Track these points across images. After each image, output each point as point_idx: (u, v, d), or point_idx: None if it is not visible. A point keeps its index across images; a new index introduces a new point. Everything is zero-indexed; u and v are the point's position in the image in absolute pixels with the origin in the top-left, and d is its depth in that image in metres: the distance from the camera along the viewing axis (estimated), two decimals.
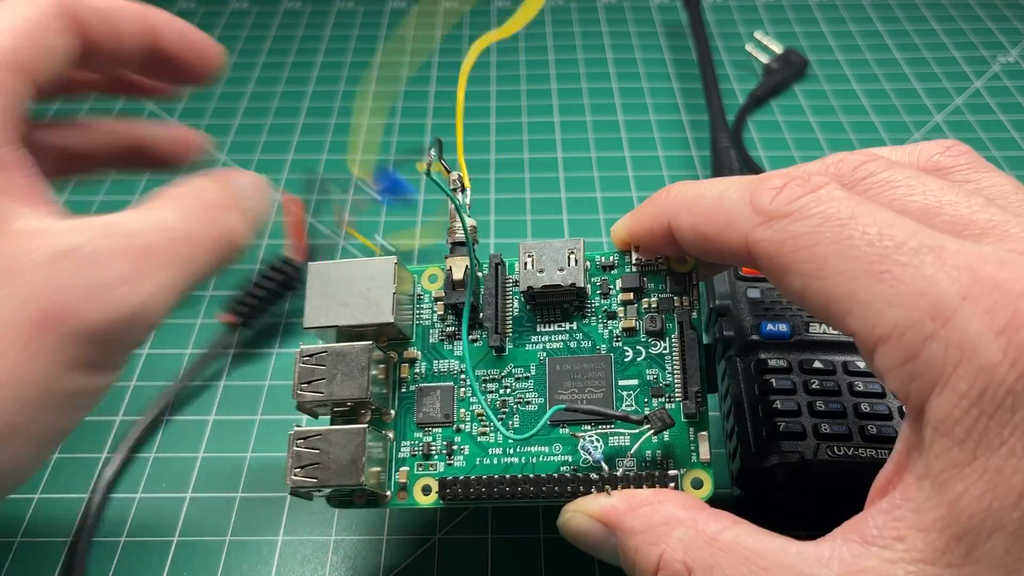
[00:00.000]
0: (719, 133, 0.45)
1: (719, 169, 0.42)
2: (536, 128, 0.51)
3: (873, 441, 0.28)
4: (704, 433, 0.25)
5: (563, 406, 0.25)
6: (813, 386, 0.29)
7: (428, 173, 0.26)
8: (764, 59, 0.54)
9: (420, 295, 0.29)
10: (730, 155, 0.43)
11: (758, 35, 0.56)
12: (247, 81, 0.55)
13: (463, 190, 0.28)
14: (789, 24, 0.60)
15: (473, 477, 0.25)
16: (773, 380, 0.29)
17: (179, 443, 0.34)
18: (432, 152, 0.27)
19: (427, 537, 0.30)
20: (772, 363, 0.30)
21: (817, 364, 0.30)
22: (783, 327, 0.31)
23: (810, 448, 0.28)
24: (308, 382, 0.26)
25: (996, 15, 0.60)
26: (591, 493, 0.24)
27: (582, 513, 0.23)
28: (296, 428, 0.26)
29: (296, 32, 0.61)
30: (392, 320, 0.27)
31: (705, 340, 0.27)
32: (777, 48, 0.55)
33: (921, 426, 0.18)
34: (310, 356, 0.26)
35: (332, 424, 0.27)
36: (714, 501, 0.31)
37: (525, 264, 0.27)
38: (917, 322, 0.18)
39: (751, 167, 0.46)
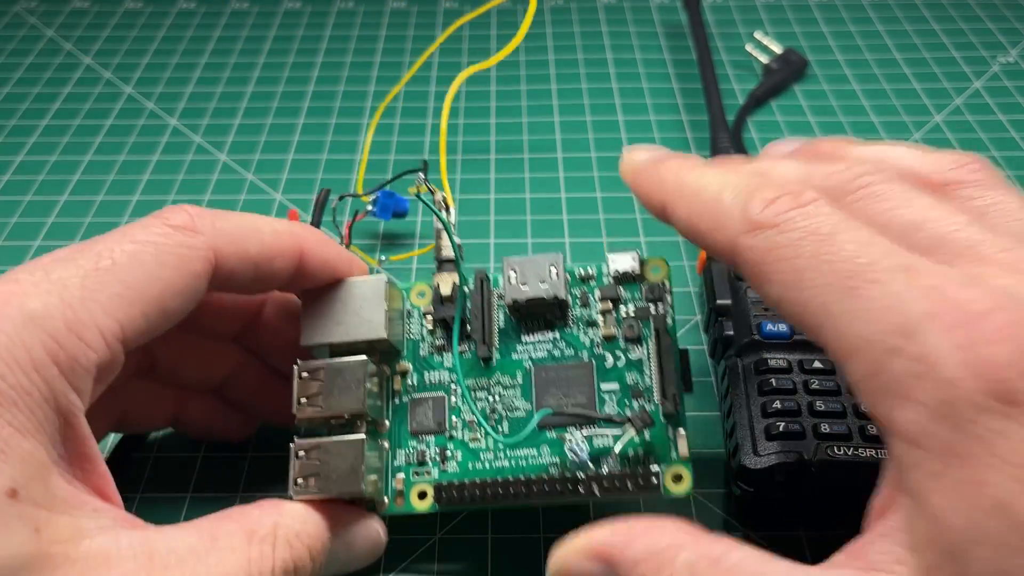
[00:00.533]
0: (719, 133, 0.45)
1: None
2: (536, 128, 0.51)
3: (873, 441, 0.28)
4: (682, 430, 0.27)
5: (550, 410, 0.27)
6: (813, 386, 0.29)
7: (419, 195, 0.28)
8: (764, 59, 0.54)
9: (409, 311, 0.30)
10: (730, 156, 0.43)
11: (758, 35, 0.56)
12: (247, 81, 0.55)
13: (447, 209, 0.30)
14: (789, 24, 0.60)
15: (467, 481, 0.27)
16: (773, 380, 0.29)
17: (179, 443, 0.34)
18: (420, 175, 0.29)
19: (427, 537, 0.30)
20: (772, 363, 0.30)
21: (817, 364, 0.30)
22: (783, 327, 0.31)
23: (810, 448, 0.28)
24: (307, 397, 0.27)
25: (996, 15, 0.61)
26: (579, 492, 0.26)
27: (577, 553, 0.23)
28: (296, 440, 0.27)
29: (296, 32, 0.61)
30: (386, 336, 0.28)
31: (683, 346, 0.28)
32: (777, 48, 0.55)
33: (894, 441, 0.19)
34: (308, 372, 0.27)
35: (329, 436, 0.27)
36: (714, 501, 0.31)
37: (509, 278, 0.28)
38: (885, 337, 0.18)
39: None
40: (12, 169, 0.48)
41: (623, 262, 0.29)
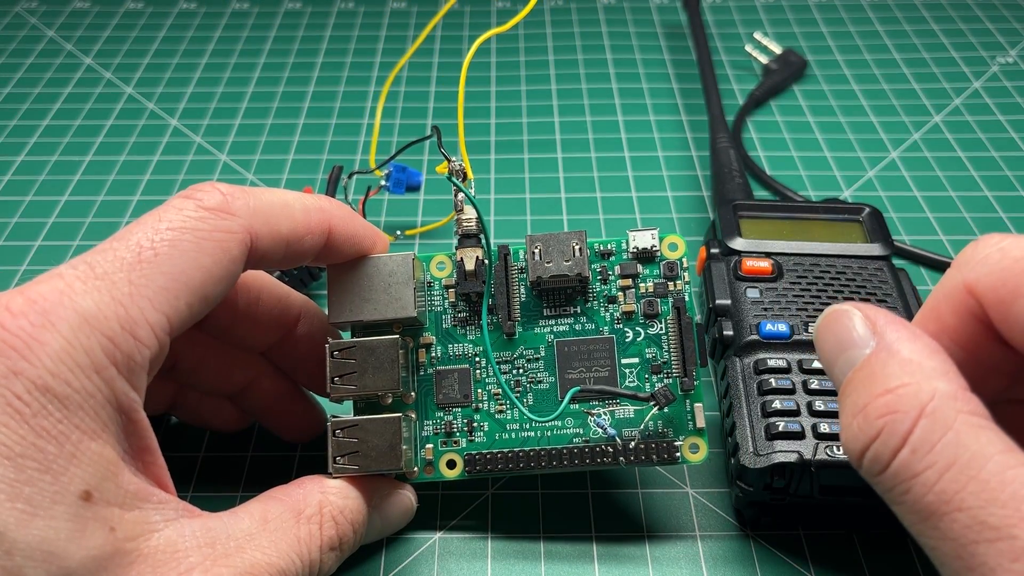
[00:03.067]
0: (718, 133, 0.45)
1: (719, 169, 0.43)
2: (536, 128, 0.51)
3: None
4: (699, 404, 0.28)
5: (579, 388, 0.28)
6: (812, 386, 0.29)
7: (450, 178, 0.28)
8: (763, 59, 0.55)
9: (430, 282, 0.30)
10: (729, 155, 0.43)
11: (757, 36, 0.56)
12: (248, 81, 0.55)
13: (465, 179, 0.29)
14: (788, 25, 0.60)
15: (497, 452, 0.28)
16: (772, 380, 0.30)
17: (180, 443, 0.34)
18: (456, 159, 0.29)
19: (427, 537, 0.30)
20: (771, 363, 0.30)
21: (816, 364, 0.30)
22: (782, 327, 0.31)
23: (809, 448, 0.28)
24: (340, 376, 0.28)
25: (995, 16, 0.61)
26: (604, 462, 0.27)
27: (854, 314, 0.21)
28: (332, 419, 0.28)
29: (296, 33, 0.61)
30: (415, 315, 0.28)
31: (697, 319, 0.29)
32: (776, 48, 0.55)
33: None
34: (340, 351, 0.28)
35: (355, 409, 0.29)
36: (714, 501, 0.31)
37: (533, 254, 0.29)
38: None
39: (750, 168, 0.47)
40: (13, 169, 0.48)
41: (643, 239, 0.30)
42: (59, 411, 0.20)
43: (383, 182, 0.41)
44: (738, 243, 0.35)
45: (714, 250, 0.35)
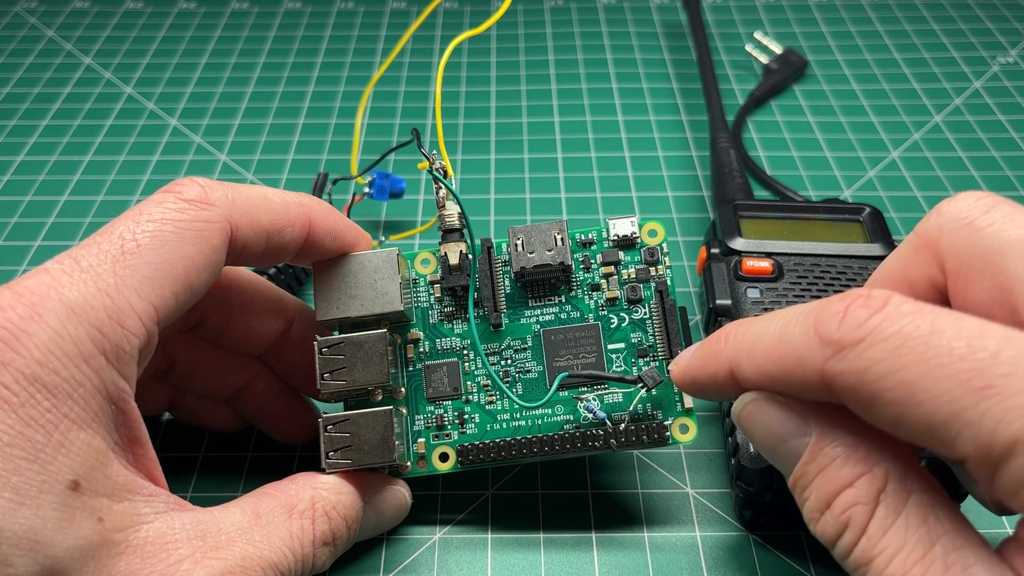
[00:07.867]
0: (719, 133, 0.45)
1: (719, 169, 0.43)
2: (536, 128, 0.51)
3: None
4: None
5: (567, 373, 0.29)
6: None
7: (430, 170, 0.29)
8: (764, 59, 0.55)
9: (415, 279, 0.31)
10: (729, 155, 0.43)
11: (758, 35, 0.56)
12: (247, 81, 0.55)
13: (445, 175, 0.30)
14: (789, 24, 0.60)
15: (489, 442, 0.29)
16: None
17: (179, 443, 0.34)
18: (435, 153, 0.29)
19: (427, 536, 0.30)
20: None
21: None
22: None
23: None
24: (330, 372, 0.28)
25: (995, 16, 0.61)
26: (596, 447, 0.28)
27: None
28: (324, 415, 0.28)
29: (296, 33, 0.61)
30: (402, 308, 0.28)
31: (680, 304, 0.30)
32: (777, 48, 0.55)
33: None
34: (328, 347, 0.28)
35: (346, 407, 0.29)
36: (714, 501, 0.31)
37: (516, 246, 0.29)
38: None
39: (751, 167, 0.47)
40: (12, 169, 0.48)
41: (623, 227, 0.30)
42: (48, 400, 0.20)
43: (366, 189, 0.42)
44: (738, 243, 0.35)
45: (714, 250, 0.35)
